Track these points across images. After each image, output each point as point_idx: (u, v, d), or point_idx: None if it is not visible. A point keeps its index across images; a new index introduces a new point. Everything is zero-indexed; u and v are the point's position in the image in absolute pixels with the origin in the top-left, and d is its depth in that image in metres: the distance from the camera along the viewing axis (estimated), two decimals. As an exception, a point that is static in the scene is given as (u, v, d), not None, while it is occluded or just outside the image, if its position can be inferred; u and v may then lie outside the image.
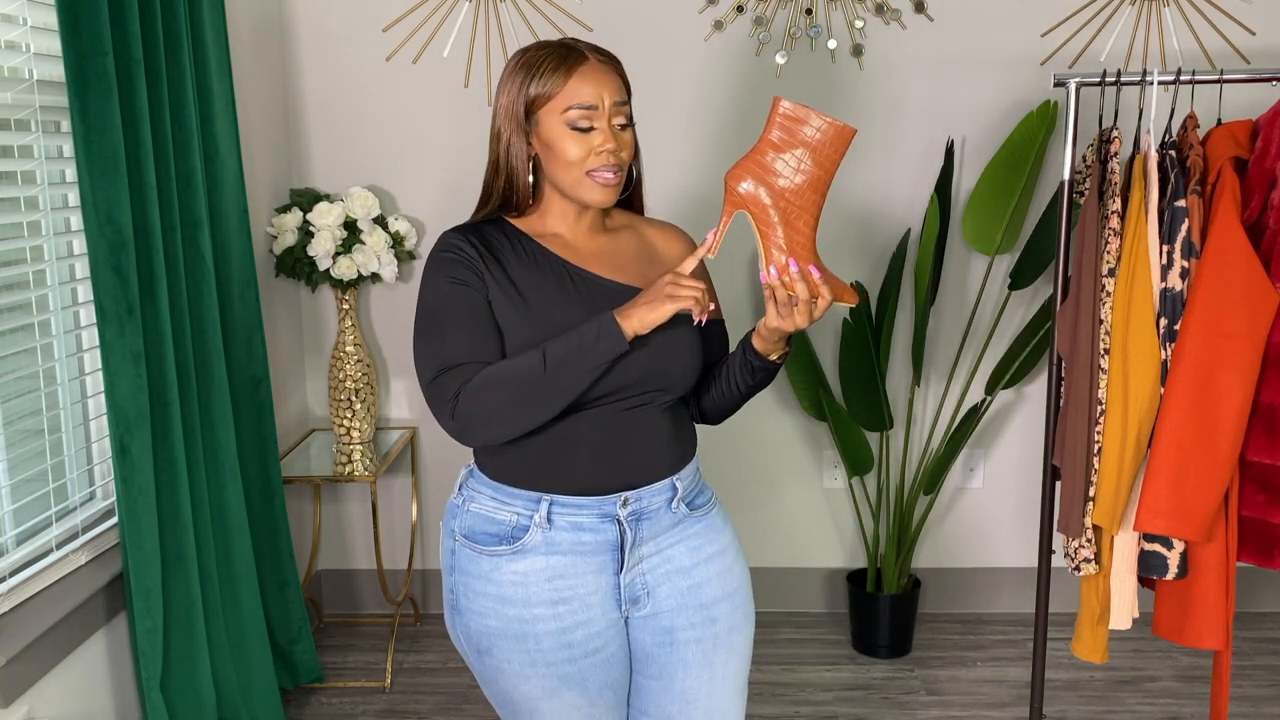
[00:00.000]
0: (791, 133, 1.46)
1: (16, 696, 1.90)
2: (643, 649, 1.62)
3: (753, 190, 1.48)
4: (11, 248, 2.02)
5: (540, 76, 1.51)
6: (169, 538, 2.21)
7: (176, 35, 2.25)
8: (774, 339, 1.54)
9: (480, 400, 1.46)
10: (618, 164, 1.52)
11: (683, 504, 1.61)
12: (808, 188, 1.48)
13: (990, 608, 3.34)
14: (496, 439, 1.50)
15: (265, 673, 2.58)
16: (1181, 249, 2.09)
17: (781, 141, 1.47)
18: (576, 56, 1.52)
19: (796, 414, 3.25)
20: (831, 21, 3.03)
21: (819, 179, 1.48)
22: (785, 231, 1.47)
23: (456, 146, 3.10)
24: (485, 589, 1.54)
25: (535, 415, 1.47)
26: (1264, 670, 2.99)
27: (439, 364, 1.49)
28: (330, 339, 3.22)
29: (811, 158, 1.47)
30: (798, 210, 1.47)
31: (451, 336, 1.49)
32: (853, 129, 1.47)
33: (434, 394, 1.50)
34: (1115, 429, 2.14)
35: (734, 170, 1.49)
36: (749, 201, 1.48)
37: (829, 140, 1.46)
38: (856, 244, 3.14)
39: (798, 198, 1.47)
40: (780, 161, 1.47)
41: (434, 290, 1.52)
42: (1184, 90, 2.72)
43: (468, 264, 1.51)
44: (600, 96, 1.50)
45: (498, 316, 1.51)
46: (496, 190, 1.59)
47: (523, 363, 1.46)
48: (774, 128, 1.47)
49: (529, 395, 1.45)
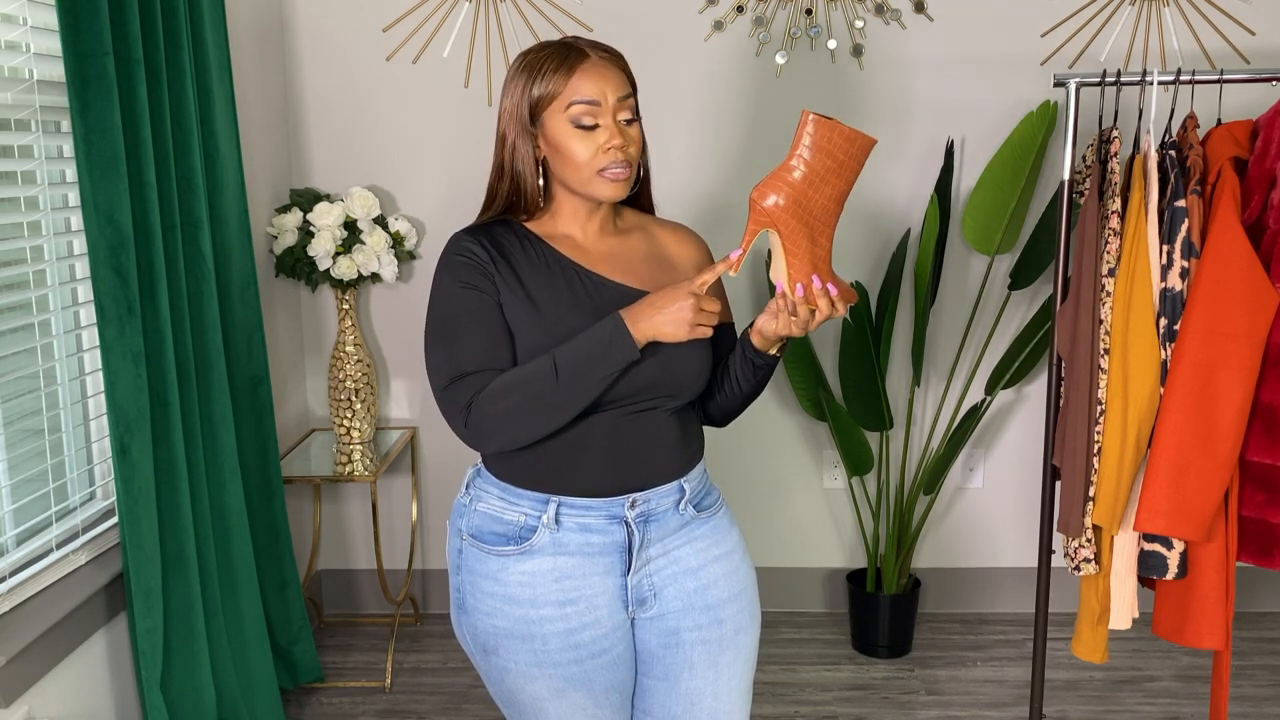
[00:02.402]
0: (820, 148, 1.43)
1: (16, 696, 1.90)
2: (648, 650, 1.62)
3: (780, 207, 1.45)
4: (11, 248, 2.02)
5: (542, 78, 1.51)
6: (169, 538, 2.21)
7: (176, 35, 2.25)
8: (775, 339, 1.54)
9: (494, 409, 1.47)
10: (626, 160, 1.51)
11: (690, 506, 1.61)
12: (832, 201, 1.46)
13: (990, 608, 3.34)
14: (511, 446, 1.51)
15: (265, 673, 2.58)
16: (1181, 249, 2.09)
17: (810, 157, 1.44)
18: (577, 55, 1.51)
19: (796, 414, 3.25)
20: (831, 21, 3.03)
21: (842, 192, 1.46)
22: (810, 247, 1.45)
23: (456, 146, 3.10)
24: (493, 589, 1.54)
25: (549, 423, 1.47)
26: (1264, 670, 2.99)
27: (451, 371, 1.49)
28: (330, 339, 3.22)
29: (837, 172, 1.44)
30: (822, 225, 1.46)
31: (463, 343, 1.49)
32: (874, 140, 1.46)
33: (447, 402, 1.50)
34: (1115, 429, 2.14)
35: (760, 187, 1.46)
36: (776, 219, 1.45)
37: (854, 153, 1.44)
38: (856, 244, 3.14)
39: (823, 212, 1.46)
40: (807, 177, 1.44)
41: (445, 295, 1.52)
42: (1184, 90, 2.72)
43: (479, 268, 1.51)
44: (603, 92, 1.50)
45: (509, 319, 1.51)
46: (501, 194, 1.58)
47: (534, 371, 1.46)
48: (802, 144, 1.43)
49: (542, 404, 1.45)
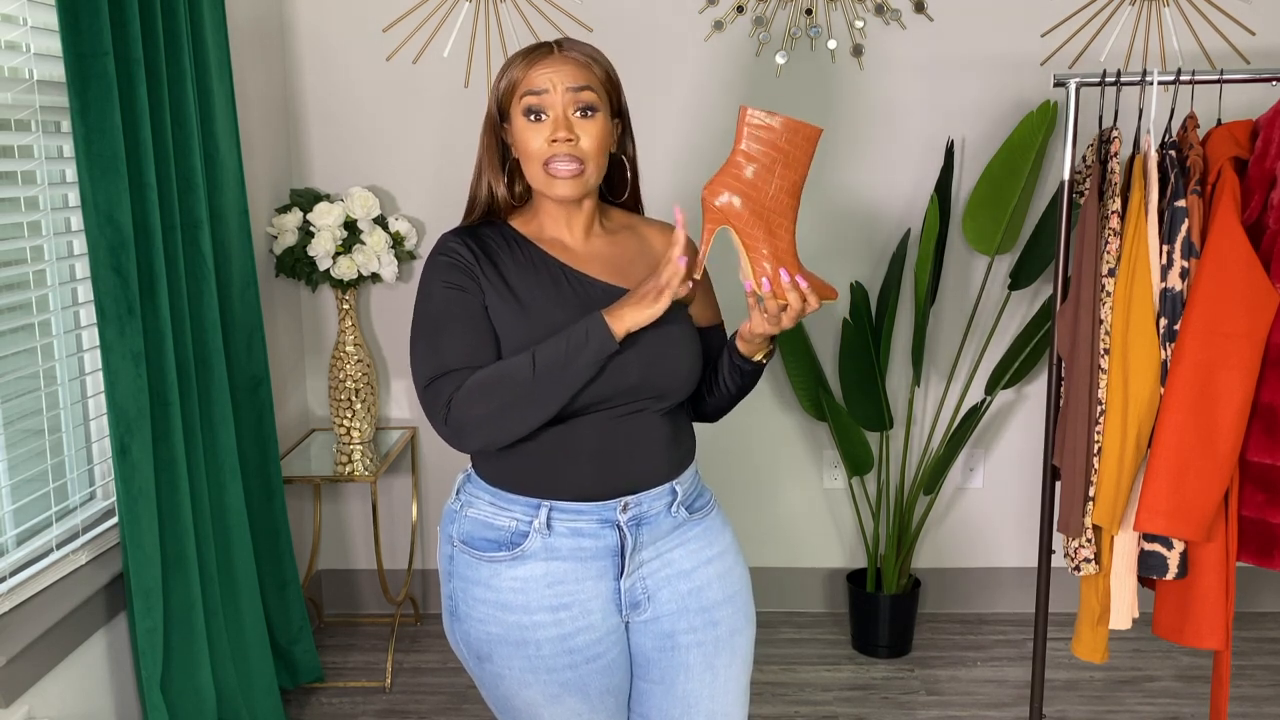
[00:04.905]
0: (762, 140, 1.44)
1: (16, 696, 1.90)
2: (643, 653, 1.61)
3: (733, 203, 1.46)
4: (11, 248, 2.02)
5: (508, 73, 1.52)
6: (169, 538, 2.21)
7: (176, 35, 2.25)
8: (758, 341, 1.54)
9: (473, 406, 1.45)
10: (573, 154, 1.49)
11: (682, 508, 1.60)
12: (784, 193, 1.46)
13: (990, 608, 3.34)
14: (492, 444, 1.49)
15: (265, 673, 2.58)
16: (1181, 249, 2.09)
17: (754, 151, 1.44)
18: (543, 51, 1.52)
19: (796, 414, 3.25)
20: (831, 21, 3.03)
21: (794, 183, 1.46)
22: (769, 241, 1.45)
23: (457, 147, 3.10)
24: (485, 595, 1.54)
25: (529, 419, 1.45)
26: (1264, 670, 2.99)
27: (433, 370, 1.48)
28: (330, 339, 3.22)
29: (784, 163, 1.45)
30: (778, 218, 1.46)
31: (446, 342, 1.49)
32: (819, 129, 1.46)
33: (428, 400, 1.49)
34: (1115, 429, 2.14)
35: (710, 186, 1.47)
36: (730, 216, 1.46)
37: (799, 143, 1.45)
38: (856, 244, 3.14)
39: (776, 204, 1.46)
40: (755, 171, 1.45)
41: (429, 295, 1.52)
42: (1184, 90, 2.72)
43: (464, 268, 1.50)
44: (551, 82, 1.49)
45: (494, 321, 1.50)
46: (480, 198, 1.59)
47: (513, 366, 1.45)
48: (744, 138, 1.45)
49: (521, 399, 1.44)
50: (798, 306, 1.45)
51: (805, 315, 1.47)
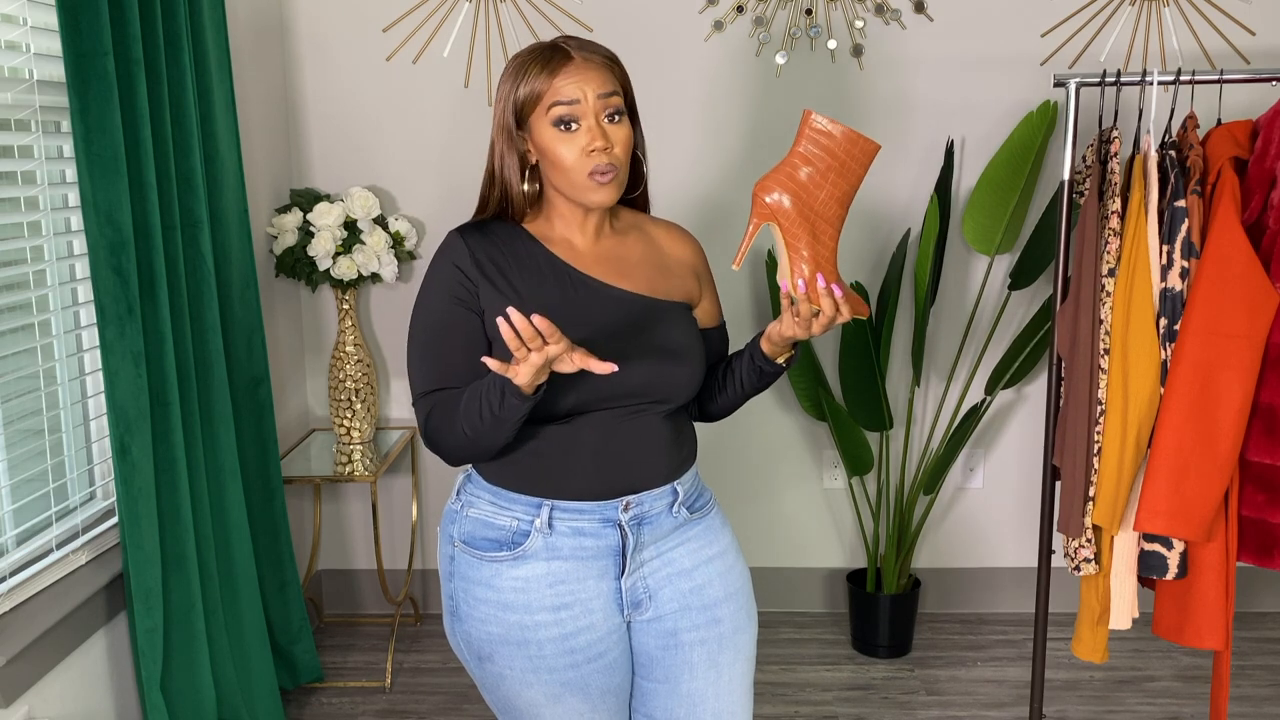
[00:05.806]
0: (820, 146, 1.46)
1: (16, 696, 1.90)
2: (646, 653, 1.61)
3: (782, 202, 1.47)
4: (11, 248, 2.02)
5: (526, 81, 1.50)
6: (169, 538, 2.21)
7: (176, 35, 2.25)
8: (784, 344, 1.55)
9: (440, 436, 1.50)
10: (611, 161, 1.49)
11: (683, 508, 1.60)
12: (834, 201, 1.48)
13: (990, 608, 3.34)
14: (462, 464, 1.54)
15: (265, 673, 2.58)
16: (1181, 249, 2.09)
17: (811, 155, 1.46)
18: (561, 56, 1.50)
19: (796, 414, 3.25)
20: (831, 21, 3.03)
21: (845, 193, 1.48)
22: (811, 244, 1.47)
23: (456, 146, 3.10)
24: (486, 595, 1.54)
25: (492, 448, 1.47)
26: (1264, 670, 2.99)
27: (421, 384, 1.52)
28: (330, 339, 3.22)
29: (839, 171, 1.47)
30: (824, 224, 1.48)
31: (436, 359, 1.51)
32: (878, 145, 1.48)
33: (416, 411, 1.54)
34: (1115, 429, 2.14)
35: (763, 182, 1.48)
36: (778, 213, 1.47)
37: (856, 155, 1.47)
38: (856, 244, 3.14)
39: (825, 211, 1.48)
40: (809, 175, 1.47)
41: (433, 303, 1.52)
42: (1184, 90, 2.72)
43: (464, 281, 1.50)
44: (582, 91, 1.48)
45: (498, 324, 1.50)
46: (492, 200, 1.58)
47: (463, 411, 1.45)
48: (803, 140, 1.47)
49: (473, 440, 1.46)
50: (830, 314, 1.46)
51: (835, 325, 1.49)
